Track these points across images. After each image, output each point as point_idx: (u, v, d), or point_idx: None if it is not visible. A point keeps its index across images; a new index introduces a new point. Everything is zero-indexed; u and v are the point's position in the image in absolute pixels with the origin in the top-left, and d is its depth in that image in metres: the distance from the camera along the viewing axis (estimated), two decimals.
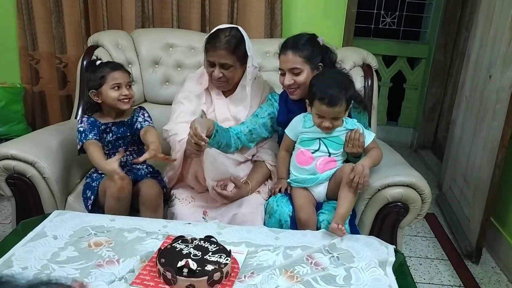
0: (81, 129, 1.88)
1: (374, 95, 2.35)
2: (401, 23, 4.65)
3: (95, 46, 2.41)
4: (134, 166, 1.98)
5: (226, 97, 2.02)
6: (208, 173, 1.79)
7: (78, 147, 1.88)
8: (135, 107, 2.04)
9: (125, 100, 1.90)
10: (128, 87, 1.91)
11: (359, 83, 2.31)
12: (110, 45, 2.40)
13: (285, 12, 2.74)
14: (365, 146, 1.76)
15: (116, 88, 1.88)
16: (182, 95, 2.03)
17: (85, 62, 2.33)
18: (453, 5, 3.96)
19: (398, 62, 4.61)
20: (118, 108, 1.92)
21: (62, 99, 2.91)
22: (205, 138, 1.58)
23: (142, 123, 1.97)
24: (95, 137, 1.87)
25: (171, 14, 2.71)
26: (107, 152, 1.93)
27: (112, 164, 1.71)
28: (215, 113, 1.99)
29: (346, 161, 1.84)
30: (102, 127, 1.92)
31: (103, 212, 1.81)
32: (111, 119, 1.95)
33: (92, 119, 1.92)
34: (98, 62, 1.96)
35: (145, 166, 2.00)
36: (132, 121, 1.97)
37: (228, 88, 1.99)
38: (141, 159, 1.76)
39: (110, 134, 1.93)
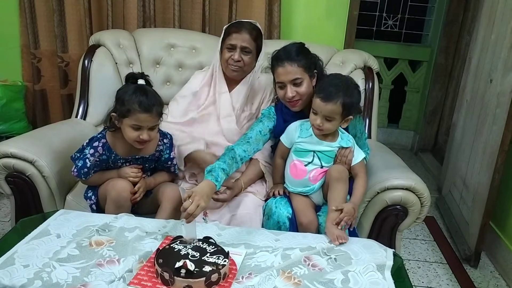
0: (89, 156, 1.75)
1: (375, 97, 2.35)
2: (403, 25, 4.66)
3: (97, 45, 2.41)
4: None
5: (230, 91, 2.06)
6: None
7: (74, 171, 1.77)
8: (161, 140, 1.89)
9: (142, 142, 1.75)
10: (151, 129, 1.74)
11: (360, 85, 2.29)
12: (112, 44, 2.41)
13: (286, 13, 2.75)
14: (352, 165, 1.76)
15: (137, 128, 1.72)
16: (180, 92, 2.12)
17: (86, 61, 2.34)
18: (455, 9, 3.96)
19: (399, 65, 4.61)
20: None
21: (63, 98, 2.91)
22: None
23: (171, 167, 1.93)
24: (95, 172, 1.81)
25: (172, 14, 2.72)
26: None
27: (125, 168, 1.80)
28: (219, 107, 2.04)
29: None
30: (120, 161, 1.83)
31: None
32: (130, 152, 1.83)
33: (107, 153, 1.79)
34: (140, 82, 1.77)
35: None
36: (154, 157, 1.89)
37: (241, 76, 2.05)
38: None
39: (127, 164, 1.85)
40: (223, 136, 2.03)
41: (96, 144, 1.78)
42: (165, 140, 1.90)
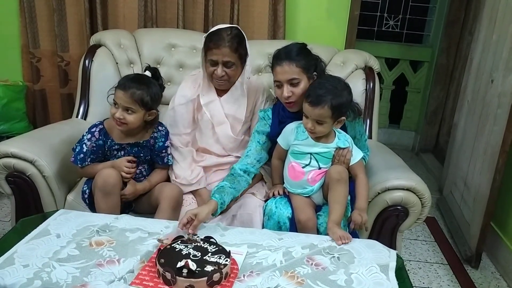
0: (86, 141, 1.82)
1: (376, 97, 2.34)
2: (404, 26, 4.66)
3: (98, 45, 2.41)
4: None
5: (221, 97, 2.02)
6: None
7: (72, 158, 1.84)
8: (156, 127, 1.95)
9: (118, 122, 1.80)
10: (127, 110, 1.78)
11: (361, 85, 2.31)
12: (112, 44, 2.41)
13: (288, 14, 2.74)
14: (351, 165, 1.75)
15: (115, 105, 1.80)
16: (176, 101, 2.04)
17: (87, 61, 2.34)
18: (457, 9, 3.96)
19: (400, 65, 4.61)
20: None
21: (63, 98, 2.91)
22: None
23: (165, 157, 1.95)
24: (92, 161, 1.85)
25: (175, 14, 2.71)
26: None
27: (121, 159, 1.84)
28: (212, 116, 2.00)
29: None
30: (115, 146, 1.86)
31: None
32: (126, 138, 1.87)
33: (104, 137, 1.85)
34: (146, 72, 1.89)
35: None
36: (149, 143, 1.92)
37: (228, 86, 2.00)
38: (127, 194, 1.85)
39: (122, 152, 1.89)
40: (219, 145, 2.03)
41: (93, 129, 1.85)
42: (160, 128, 1.95)
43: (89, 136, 1.83)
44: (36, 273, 1.26)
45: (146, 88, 1.81)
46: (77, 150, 1.83)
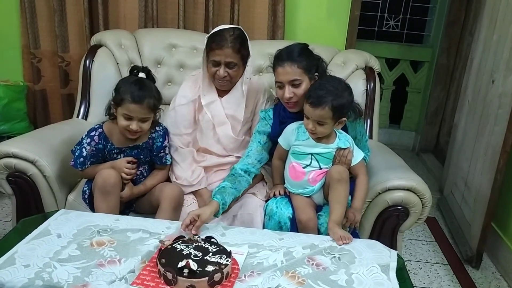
0: (86, 145, 1.82)
1: (376, 98, 2.35)
2: (405, 26, 4.66)
3: (98, 46, 2.42)
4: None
5: (222, 97, 2.02)
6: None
7: (71, 162, 1.83)
8: (154, 128, 1.93)
9: (133, 133, 1.81)
10: (142, 121, 1.79)
11: (361, 86, 2.31)
12: (113, 44, 2.41)
13: (288, 14, 2.74)
14: (352, 165, 1.75)
15: (128, 118, 1.78)
16: (177, 101, 2.04)
17: (87, 61, 2.34)
18: (457, 9, 3.96)
19: (401, 65, 4.62)
20: None
21: (63, 98, 2.91)
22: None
23: (163, 157, 1.95)
24: (92, 164, 1.85)
25: (176, 15, 2.72)
26: None
27: (121, 160, 1.83)
28: (212, 116, 1.99)
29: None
30: (115, 150, 1.86)
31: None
32: (125, 142, 1.87)
33: (103, 141, 1.84)
34: (141, 75, 1.86)
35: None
36: (148, 144, 1.91)
37: (230, 87, 2.00)
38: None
39: (122, 155, 1.89)
40: (220, 145, 2.02)
41: (93, 133, 1.84)
42: (157, 128, 1.94)
43: (88, 140, 1.82)
44: (37, 273, 1.27)
45: (154, 93, 1.82)
46: (76, 153, 1.82)
